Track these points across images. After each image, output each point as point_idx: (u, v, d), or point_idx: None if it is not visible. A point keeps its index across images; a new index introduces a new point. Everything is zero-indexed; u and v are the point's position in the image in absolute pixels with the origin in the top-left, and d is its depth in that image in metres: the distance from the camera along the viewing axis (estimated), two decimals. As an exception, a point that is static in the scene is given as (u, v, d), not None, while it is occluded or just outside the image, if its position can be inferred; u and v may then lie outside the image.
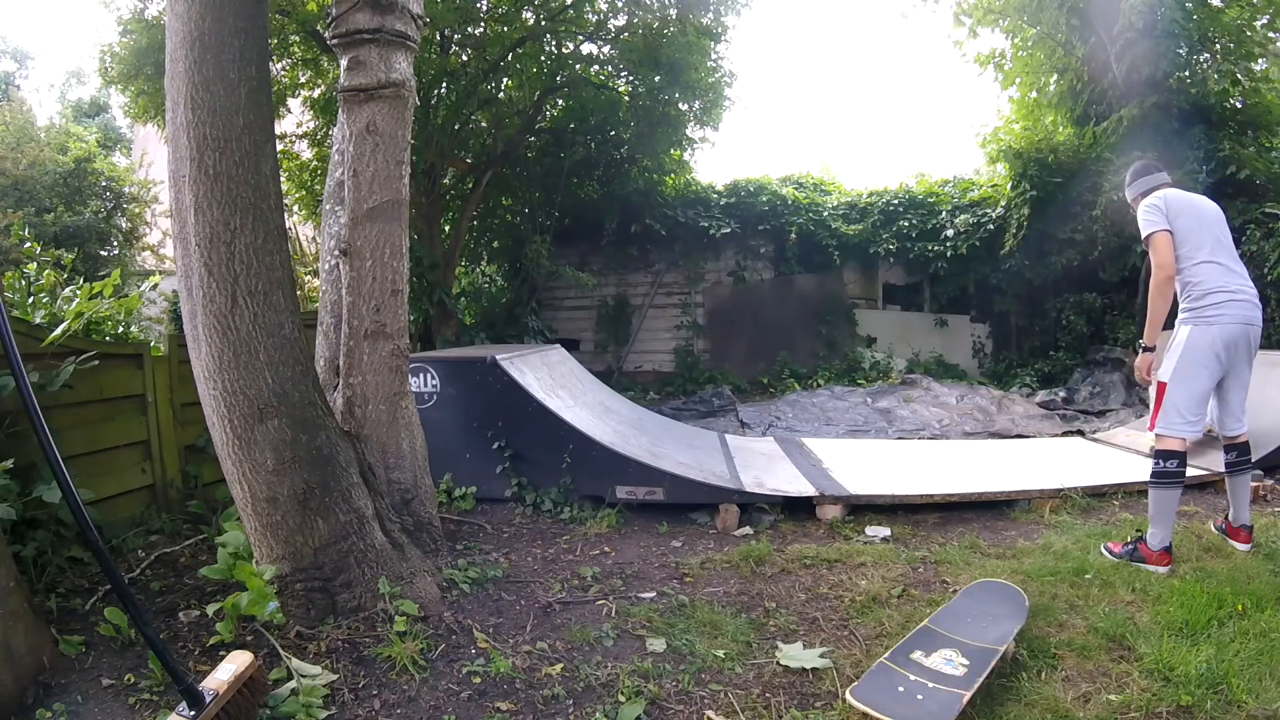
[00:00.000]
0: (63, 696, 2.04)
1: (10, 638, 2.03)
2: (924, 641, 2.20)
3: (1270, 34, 7.64)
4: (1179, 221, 2.95)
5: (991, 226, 8.87)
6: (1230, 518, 3.08)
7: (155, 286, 4.14)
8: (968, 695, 1.89)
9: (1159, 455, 2.88)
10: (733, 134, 48.45)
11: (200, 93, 2.28)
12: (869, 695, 1.93)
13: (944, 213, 9.35)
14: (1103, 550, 3.03)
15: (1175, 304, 3.00)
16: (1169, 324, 2.99)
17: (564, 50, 8.71)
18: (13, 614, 2.06)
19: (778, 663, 2.25)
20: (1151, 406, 3.01)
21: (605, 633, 2.47)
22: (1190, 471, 4.20)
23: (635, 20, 8.18)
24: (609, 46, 8.67)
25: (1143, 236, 3.00)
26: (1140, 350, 3.10)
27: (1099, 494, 3.92)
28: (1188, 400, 2.87)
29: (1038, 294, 8.71)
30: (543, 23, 8.09)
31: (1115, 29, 7.34)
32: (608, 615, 2.64)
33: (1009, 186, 8.69)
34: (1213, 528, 3.22)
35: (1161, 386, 2.94)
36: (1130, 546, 2.94)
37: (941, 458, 4.95)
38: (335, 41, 3.03)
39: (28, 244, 4.16)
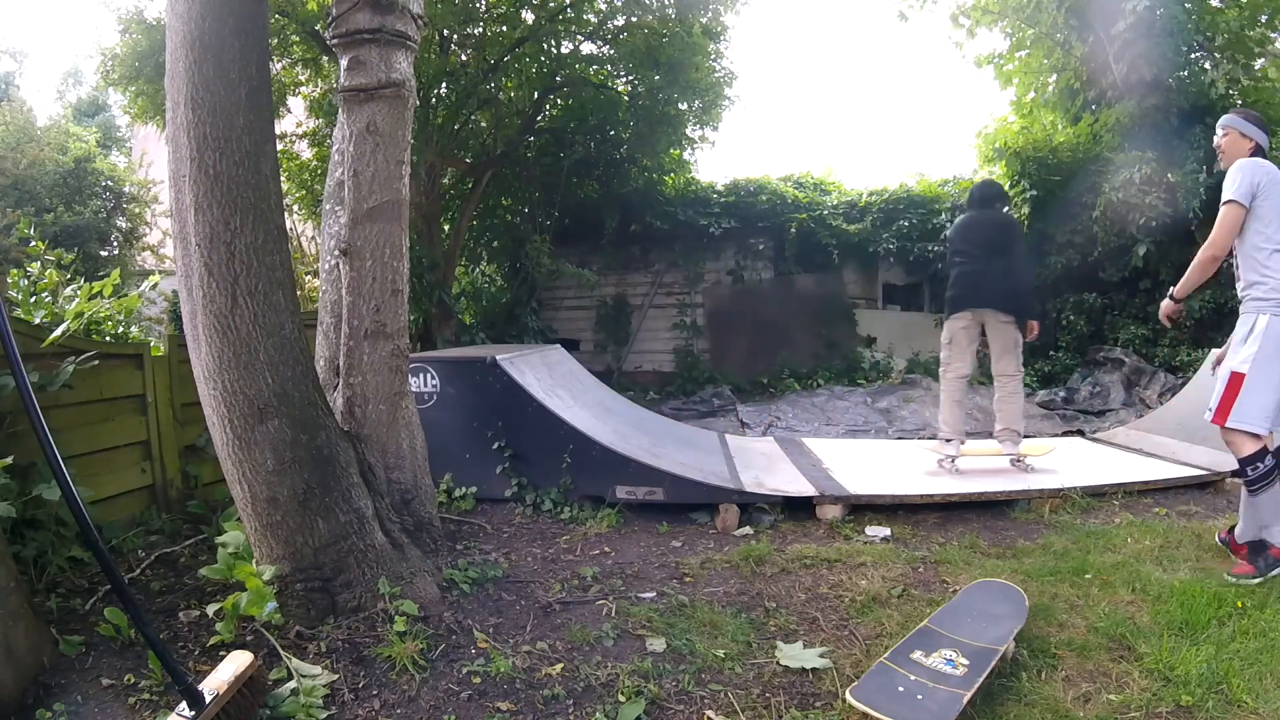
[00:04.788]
0: (63, 696, 2.03)
1: (10, 638, 2.03)
2: (924, 641, 2.20)
3: (1270, 33, 7.64)
4: (1271, 199, 2.71)
5: (991, 225, 8.85)
6: (1236, 533, 2.85)
7: (155, 286, 4.12)
8: (968, 695, 1.89)
9: (1244, 463, 2.68)
10: (733, 133, 48.50)
11: (200, 93, 2.28)
12: (869, 695, 1.93)
13: (944, 212, 9.35)
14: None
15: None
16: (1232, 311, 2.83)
17: (564, 50, 8.70)
18: (13, 614, 2.06)
19: (778, 663, 2.25)
20: (1219, 397, 2.75)
21: (605, 633, 2.47)
22: (1189, 471, 4.22)
23: (635, 20, 8.17)
24: (609, 46, 8.66)
25: (1224, 197, 2.77)
26: (1170, 297, 3.03)
27: (1099, 494, 3.92)
28: (1272, 391, 2.66)
29: (1037, 294, 8.71)
30: (542, 23, 8.08)
31: (1114, 29, 7.33)
32: (608, 615, 2.64)
33: (1008, 185, 8.69)
34: (1217, 539, 3.04)
35: (1237, 377, 2.70)
36: (1262, 560, 2.69)
37: (941, 457, 4.94)
38: (335, 41, 3.03)
39: (33, 243, 4.13)
